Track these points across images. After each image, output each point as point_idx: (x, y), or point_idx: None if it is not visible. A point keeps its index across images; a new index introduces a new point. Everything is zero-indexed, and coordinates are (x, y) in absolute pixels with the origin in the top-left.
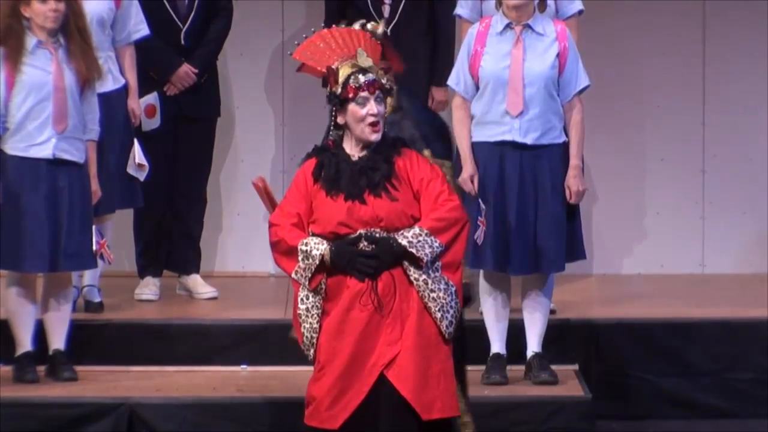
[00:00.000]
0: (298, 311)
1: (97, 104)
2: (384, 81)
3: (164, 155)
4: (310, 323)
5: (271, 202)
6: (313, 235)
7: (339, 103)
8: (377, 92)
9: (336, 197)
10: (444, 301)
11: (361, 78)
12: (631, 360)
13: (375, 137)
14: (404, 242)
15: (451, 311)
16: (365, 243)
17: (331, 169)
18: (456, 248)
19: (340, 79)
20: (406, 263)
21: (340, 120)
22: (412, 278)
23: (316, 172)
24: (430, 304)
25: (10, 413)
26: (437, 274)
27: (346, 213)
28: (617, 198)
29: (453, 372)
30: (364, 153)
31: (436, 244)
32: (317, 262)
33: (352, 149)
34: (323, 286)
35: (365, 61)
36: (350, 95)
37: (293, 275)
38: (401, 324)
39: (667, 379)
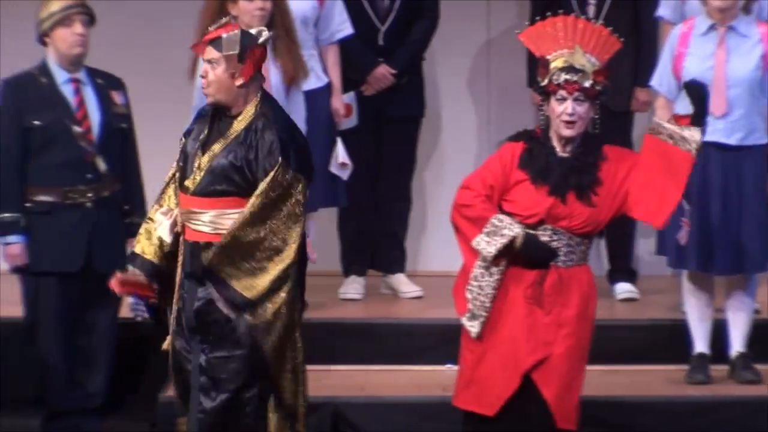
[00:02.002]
0: (470, 287)
1: (302, 103)
2: (588, 84)
3: (366, 155)
4: (482, 301)
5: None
6: (502, 212)
7: (543, 94)
8: (576, 93)
9: (540, 188)
10: None
11: (563, 77)
12: None
13: (567, 133)
14: None
15: None
16: None
17: (540, 159)
18: None
19: (550, 72)
20: None
21: (546, 111)
22: None
23: (524, 158)
24: None
25: None
26: None
27: (547, 207)
28: None
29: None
30: (568, 148)
31: None
32: (506, 241)
33: (555, 141)
34: (502, 268)
35: (579, 59)
36: (551, 90)
37: (473, 243)
38: (558, 327)
39: None
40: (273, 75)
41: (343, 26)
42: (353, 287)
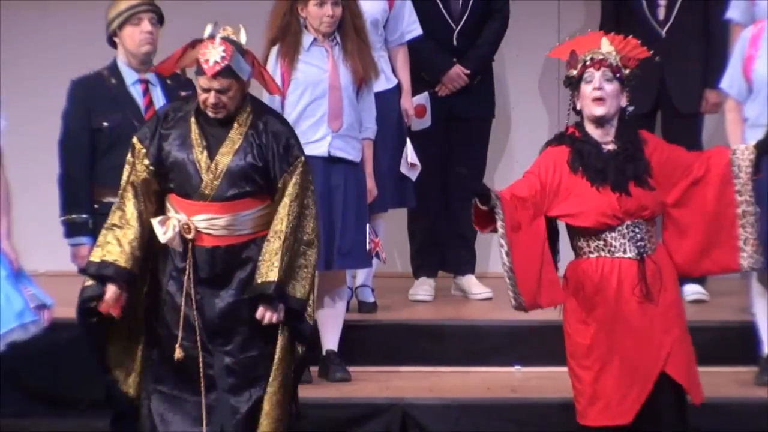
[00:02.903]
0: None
1: (373, 103)
2: (614, 62)
3: (436, 155)
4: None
5: None
6: (574, 228)
7: (574, 85)
8: (603, 69)
9: (602, 188)
10: None
11: (589, 56)
12: None
13: (598, 111)
14: None
15: None
16: None
17: (592, 159)
18: None
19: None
20: None
21: (578, 105)
22: None
23: (574, 162)
24: None
25: None
26: None
27: (618, 205)
28: None
29: None
30: (608, 138)
31: None
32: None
33: (595, 135)
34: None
35: (606, 48)
36: (580, 74)
37: None
38: (668, 313)
39: None
40: (343, 76)
41: (412, 27)
42: (423, 288)
